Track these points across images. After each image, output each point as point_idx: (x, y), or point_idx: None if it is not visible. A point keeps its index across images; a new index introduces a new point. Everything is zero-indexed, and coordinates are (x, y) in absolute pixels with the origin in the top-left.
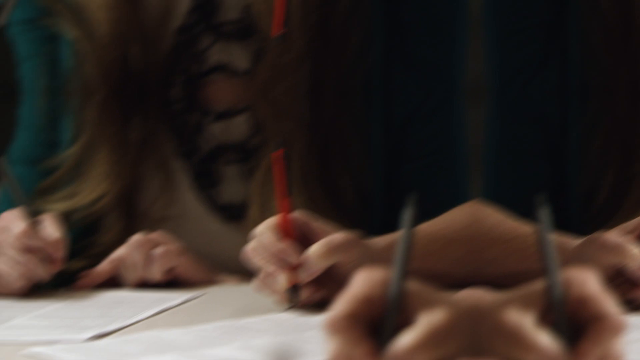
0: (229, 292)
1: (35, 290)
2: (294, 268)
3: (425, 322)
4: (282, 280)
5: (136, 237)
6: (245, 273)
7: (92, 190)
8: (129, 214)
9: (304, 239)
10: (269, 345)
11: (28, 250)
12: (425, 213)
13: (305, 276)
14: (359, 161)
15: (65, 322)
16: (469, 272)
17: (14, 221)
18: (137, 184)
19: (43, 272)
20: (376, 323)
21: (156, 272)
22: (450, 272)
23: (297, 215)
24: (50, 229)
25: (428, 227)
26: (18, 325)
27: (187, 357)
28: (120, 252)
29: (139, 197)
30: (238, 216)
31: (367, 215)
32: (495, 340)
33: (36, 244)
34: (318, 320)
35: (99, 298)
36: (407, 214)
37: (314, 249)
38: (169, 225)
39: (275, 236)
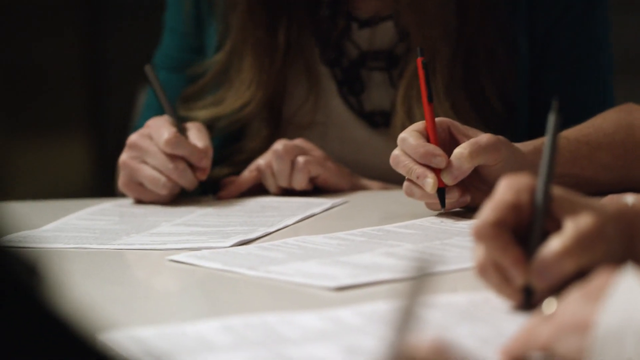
0: (373, 198)
1: (180, 197)
2: (441, 170)
3: (572, 228)
4: (430, 182)
5: (279, 145)
6: (390, 180)
7: (237, 97)
8: (274, 121)
9: (449, 143)
10: (412, 253)
11: (173, 158)
12: (570, 120)
13: (451, 179)
14: (504, 69)
15: (210, 229)
16: (616, 177)
17: (160, 128)
18: (283, 91)
19: (188, 181)
20: (523, 230)
21: (300, 181)
22: (599, 178)
23: (442, 119)
24: (196, 137)
25: (576, 132)
26: (163, 232)
27: (330, 263)
28: (262, 160)
29: (284, 104)
30: (383, 123)
31: (512, 122)
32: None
33: (182, 152)
34: (464, 226)
35: (243, 205)
36: (552, 120)
37: (460, 150)
38: (314, 132)
39: (422, 139)
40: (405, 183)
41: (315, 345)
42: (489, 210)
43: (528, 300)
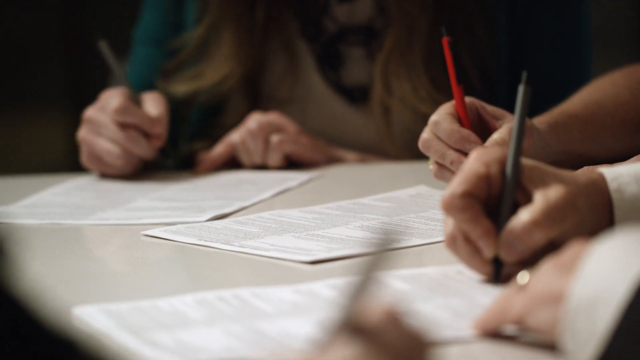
0: (349, 172)
1: (155, 173)
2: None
3: (542, 200)
4: None
5: (252, 123)
6: (367, 152)
7: (216, 71)
8: (253, 96)
9: (477, 124)
10: (378, 225)
11: (125, 127)
12: (550, 95)
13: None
14: (483, 45)
15: (185, 203)
16: (617, 153)
17: (111, 99)
18: (262, 66)
19: (142, 149)
20: (493, 202)
21: (274, 160)
22: (601, 155)
23: (470, 99)
24: (151, 105)
25: (583, 111)
26: (138, 207)
27: (306, 237)
28: (237, 135)
29: (263, 79)
30: (362, 98)
31: (491, 99)
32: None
33: (132, 119)
34: (440, 199)
35: (218, 180)
36: (522, 91)
37: (498, 136)
38: (293, 107)
39: (455, 124)
40: (435, 167)
41: (290, 319)
42: (458, 181)
43: (497, 272)
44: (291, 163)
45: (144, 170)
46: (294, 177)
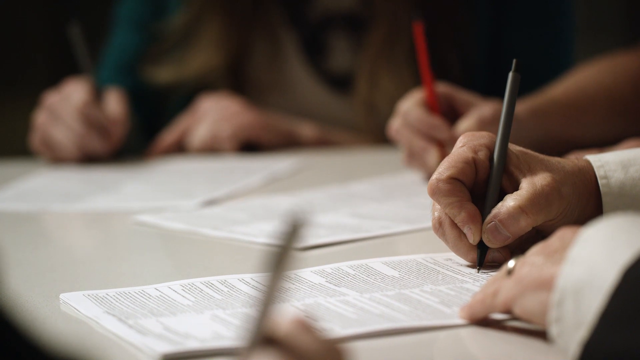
0: (337, 157)
1: (119, 154)
2: (443, 143)
3: (528, 187)
4: (432, 156)
5: (204, 106)
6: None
7: (200, 58)
8: (236, 82)
9: (451, 112)
10: (375, 212)
11: (87, 121)
12: (533, 81)
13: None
14: (464, 33)
15: (174, 188)
16: (602, 135)
17: (75, 92)
18: (246, 53)
19: (98, 147)
20: (480, 188)
21: (228, 147)
22: (586, 138)
23: (442, 87)
24: (114, 104)
25: (565, 96)
26: (127, 193)
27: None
28: (187, 121)
29: (247, 66)
30: (346, 86)
31: (470, 85)
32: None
33: (96, 116)
34: None
35: (207, 165)
36: (511, 78)
37: (465, 125)
38: (277, 94)
39: (423, 111)
40: (405, 156)
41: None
42: (444, 166)
43: (481, 258)
44: (247, 147)
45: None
46: (281, 162)
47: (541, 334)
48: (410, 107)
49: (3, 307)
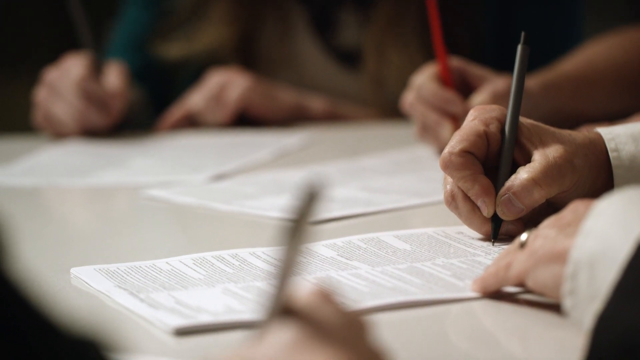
0: (347, 131)
1: (123, 128)
2: (457, 117)
3: (541, 159)
4: (446, 129)
5: (210, 82)
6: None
7: (210, 34)
8: (246, 58)
9: (463, 86)
10: (385, 186)
11: (86, 96)
12: (541, 55)
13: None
14: (473, 6)
15: (183, 162)
16: (611, 109)
17: (74, 67)
18: (255, 28)
19: (98, 121)
20: (492, 161)
21: (225, 118)
22: (595, 112)
23: (455, 62)
24: (114, 78)
25: (575, 70)
26: (136, 167)
27: (290, 196)
28: (196, 97)
29: (256, 42)
30: (355, 61)
31: (480, 59)
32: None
33: (95, 91)
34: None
35: (215, 139)
36: (520, 51)
37: (479, 98)
38: (286, 69)
39: (437, 85)
40: (418, 130)
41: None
42: (456, 139)
43: (496, 230)
44: (247, 120)
45: (119, 129)
46: (291, 137)
47: (554, 307)
48: (424, 81)
49: (11, 280)
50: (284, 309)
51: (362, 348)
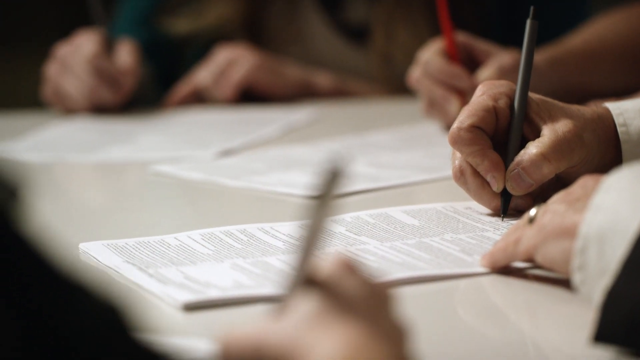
0: (353, 108)
1: (132, 104)
2: (464, 92)
3: (550, 134)
4: (453, 105)
5: (218, 58)
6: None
7: (217, 10)
8: (253, 34)
9: (470, 61)
10: (391, 162)
11: (97, 72)
12: (549, 32)
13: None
14: None
15: (190, 138)
16: (619, 85)
17: (85, 43)
18: (262, 4)
19: (108, 98)
20: (501, 137)
21: (227, 95)
22: (602, 87)
23: (461, 37)
24: (126, 55)
25: (582, 44)
26: (144, 143)
27: (312, 173)
28: (203, 74)
29: (264, 18)
30: (362, 37)
31: (486, 35)
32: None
33: (106, 67)
34: None
35: (222, 115)
36: (529, 26)
37: (486, 73)
38: (294, 46)
39: (444, 61)
40: (425, 106)
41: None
42: (465, 114)
43: (505, 205)
44: (255, 97)
45: (129, 106)
46: (298, 113)
47: (563, 282)
48: (430, 56)
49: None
50: (307, 281)
51: (384, 320)
